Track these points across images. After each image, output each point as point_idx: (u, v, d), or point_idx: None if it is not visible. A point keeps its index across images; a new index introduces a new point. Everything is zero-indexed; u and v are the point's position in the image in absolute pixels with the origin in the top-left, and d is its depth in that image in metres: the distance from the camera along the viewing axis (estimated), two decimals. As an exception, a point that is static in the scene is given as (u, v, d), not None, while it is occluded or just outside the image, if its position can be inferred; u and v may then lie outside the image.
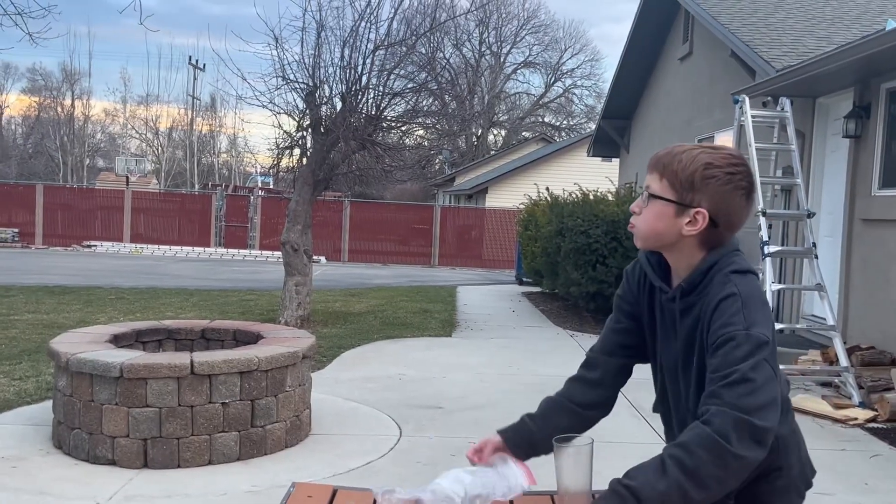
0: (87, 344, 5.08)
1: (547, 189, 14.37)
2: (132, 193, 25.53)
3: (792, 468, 1.87)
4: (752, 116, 7.99)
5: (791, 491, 1.89)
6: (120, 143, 52.61)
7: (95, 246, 23.66)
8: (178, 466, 4.62)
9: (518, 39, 49.82)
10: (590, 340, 9.83)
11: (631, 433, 5.46)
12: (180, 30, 42.83)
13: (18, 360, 7.24)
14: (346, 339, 9.14)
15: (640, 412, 5.83)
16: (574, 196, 12.32)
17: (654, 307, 1.92)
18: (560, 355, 8.72)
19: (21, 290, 12.28)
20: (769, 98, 9.10)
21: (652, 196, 1.79)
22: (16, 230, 23.87)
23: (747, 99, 8.14)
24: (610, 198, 11.73)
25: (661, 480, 1.53)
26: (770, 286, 7.18)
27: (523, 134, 49.04)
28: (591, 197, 11.88)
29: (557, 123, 51.51)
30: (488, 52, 49.83)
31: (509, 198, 25.40)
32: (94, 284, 13.80)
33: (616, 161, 19.16)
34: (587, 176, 18.77)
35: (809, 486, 1.94)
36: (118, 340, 5.42)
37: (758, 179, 7.24)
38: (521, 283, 17.62)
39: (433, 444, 5.30)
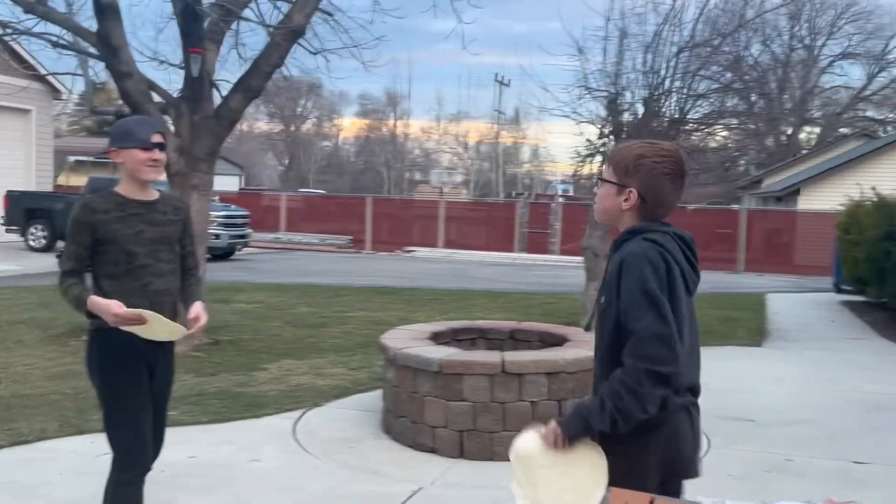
0: (410, 340, 5.58)
1: (873, 189, 13.03)
2: (445, 203, 27.36)
3: None
4: None
5: None
6: (434, 158, 56.67)
7: (414, 251, 25.67)
8: (491, 459, 4.91)
9: (835, 30, 45.58)
10: (926, 357, 8.78)
11: None
12: (488, 49, 45.09)
13: (353, 353, 8.13)
14: (648, 345, 9.04)
15: None
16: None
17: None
18: (889, 370, 7.91)
19: (354, 291, 13.72)
20: None
21: (601, 180, 2.40)
22: (349, 237, 26.70)
23: None
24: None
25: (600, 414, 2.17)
26: None
27: (841, 130, 44.72)
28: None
29: (882, 117, 46.29)
30: (800, 45, 46.18)
31: (825, 199, 23.32)
32: (413, 286, 15.01)
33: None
34: (920, 173, 16.71)
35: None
36: (437, 338, 5.88)
37: None
38: (839, 291, 16.13)
39: (746, 457, 5.10)
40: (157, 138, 3.17)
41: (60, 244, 18.26)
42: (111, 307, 2.92)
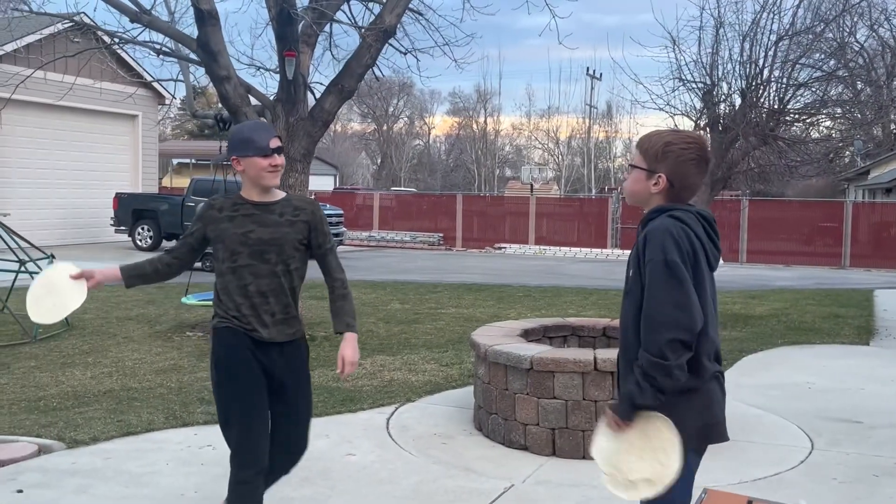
0: (501, 337, 5.58)
1: None
2: (536, 199, 27.22)
3: None
4: None
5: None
6: (525, 154, 56.48)
7: (504, 248, 25.67)
8: (583, 458, 4.86)
9: (950, 8, 43.07)
10: None
11: None
12: (579, 43, 44.61)
13: (445, 349, 8.19)
14: (746, 342, 8.79)
15: None
16: None
17: None
18: None
19: (445, 287, 13.82)
20: None
21: (632, 166, 2.56)
22: (440, 234, 26.91)
23: None
24: None
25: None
26: None
27: (955, 116, 42.24)
28: None
29: None
30: (910, 27, 43.84)
31: (940, 190, 22.11)
32: (504, 283, 15.01)
33: None
34: None
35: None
36: (528, 335, 5.86)
37: None
38: (956, 287, 15.28)
39: (851, 461, 4.89)
40: (275, 143, 3.17)
41: (166, 243, 19.05)
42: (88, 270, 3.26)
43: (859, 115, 12.46)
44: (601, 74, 44.32)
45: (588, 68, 50.67)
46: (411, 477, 4.48)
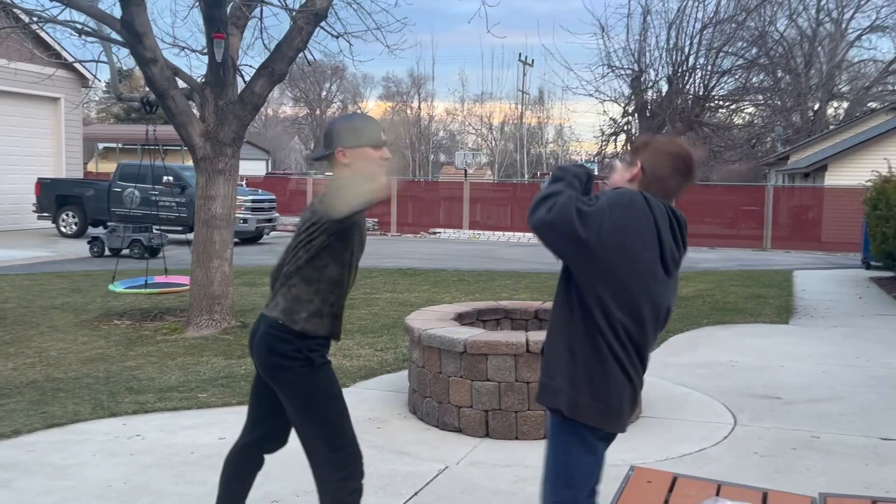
0: (435, 321, 5.62)
1: (902, 163, 12.85)
2: (470, 185, 27.34)
3: None
4: None
5: None
6: (459, 139, 56.51)
7: (439, 233, 25.72)
8: (516, 438, 4.96)
9: (863, 2, 44.69)
10: (957, 333, 8.67)
11: None
12: (511, 29, 44.73)
13: (380, 334, 8.19)
14: (674, 323, 9.02)
15: None
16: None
17: None
18: (919, 348, 7.83)
19: (380, 272, 13.78)
20: None
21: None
22: (375, 219, 26.81)
23: None
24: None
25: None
26: None
27: (869, 105, 43.91)
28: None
29: (911, 91, 45.41)
30: (827, 19, 45.31)
31: (853, 175, 22.96)
32: (439, 267, 15.06)
33: None
34: (953, 147, 16.41)
35: None
36: (462, 318, 5.92)
37: None
38: (868, 266, 15.96)
39: (772, 435, 5.10)
40: (384, 136, 2.98)
41: (92, 230, 18.52)
42: None
43: (779, 103, 12.84)
44: (533, 61, 44.68)
45: (520, 54, 51.04)
46: (346, 461, 4.49)
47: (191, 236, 8.95)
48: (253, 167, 34.91)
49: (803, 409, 5.70)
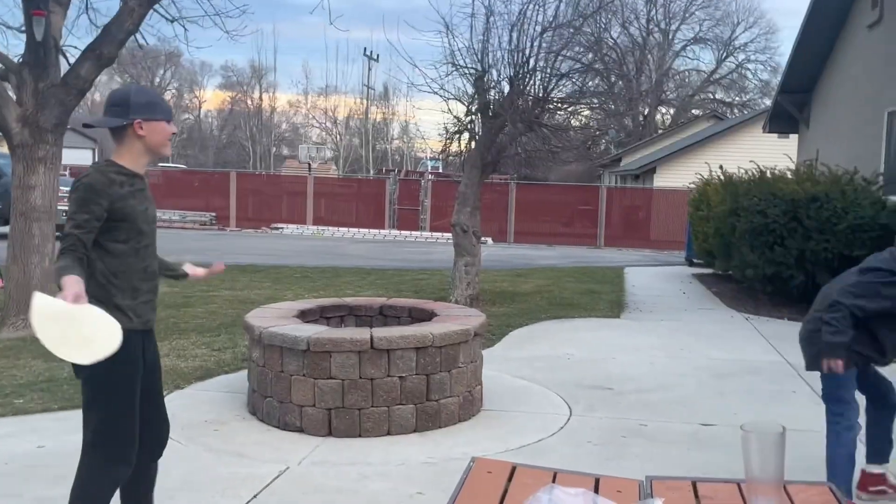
0: (277, 318, 5.47)
1: (720, 167, 13.82)
2: (314, 179, 26.93)
3: None
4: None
5: None
6: (302, 133, 55.68)
7: (282, 228, 25.17)
8: (360, 436, 4.91)
9: (688, 15, 47.97)
10: (766, 323, 9.42)
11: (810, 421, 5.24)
12: (356, 24, 44.47)
13: (217, 333, 7.89)
14: (514, 318, 9.27)
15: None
16: (750, 174, 11.79)
17: None
18: (734, 339, 8.44)
19: (215, 270, 13.30)
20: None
21: None
22: (213, 214, 25.85)
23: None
24: (789, 175, 11.14)
25: None
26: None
27: (693, 112, 47.19)
28: (769, 175, 11.31)
29: (729, 100, 49.21)
30: (656, 29, 48.29)
31: (678, 177, 24.58)
32: (281, 264, 14.73)
33: (794, 137, 18.09)
34: (761, 153, 17.80)
35: None
36: (304, 316, 5.80)
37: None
38: (691, 264, 17.10)
39: (604, 424, 5.32)
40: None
41: None
42: (73, 288, 2.59)
43: (613, 107, 13.48)
44: (378, 56, 44.60)
45: (365, 49, 50.79)
46: (180, 466, 4.27)
47: (6, 229, 8.28)
48: (78, 156, 32.88)
49: (632, 399, 5.99)
